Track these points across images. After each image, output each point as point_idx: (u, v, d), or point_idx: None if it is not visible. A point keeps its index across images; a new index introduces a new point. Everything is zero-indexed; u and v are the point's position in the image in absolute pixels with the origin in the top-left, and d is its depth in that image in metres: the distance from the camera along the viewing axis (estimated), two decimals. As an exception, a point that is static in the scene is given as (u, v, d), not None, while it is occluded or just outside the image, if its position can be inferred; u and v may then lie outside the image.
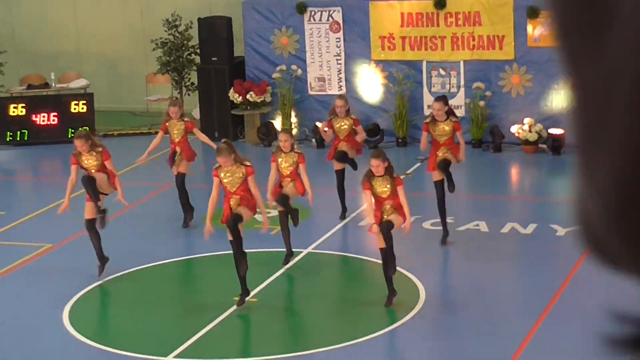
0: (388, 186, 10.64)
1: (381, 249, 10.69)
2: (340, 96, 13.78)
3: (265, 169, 17.06)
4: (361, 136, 13.45)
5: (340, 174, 13.34)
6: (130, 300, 11.66)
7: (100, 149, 11.83)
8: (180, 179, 13.43)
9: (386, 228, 10.56)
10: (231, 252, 11.58)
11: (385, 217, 10.65)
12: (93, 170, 11.73)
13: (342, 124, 13.28)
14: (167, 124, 13.58)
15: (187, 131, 13.52)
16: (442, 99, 12.76)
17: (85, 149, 11.71)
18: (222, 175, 10.86)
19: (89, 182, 11.60)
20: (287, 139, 11.85)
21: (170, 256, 12.68)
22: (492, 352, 9.80)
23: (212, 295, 11.33)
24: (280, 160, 11.84)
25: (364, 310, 10.93)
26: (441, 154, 12.19)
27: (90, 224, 11.68)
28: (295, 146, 12.19)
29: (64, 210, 11.83)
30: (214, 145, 12.96)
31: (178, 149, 13.49)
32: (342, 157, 13.23)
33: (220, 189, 10.90)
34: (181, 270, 12.46)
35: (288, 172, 11.82)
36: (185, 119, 13.66)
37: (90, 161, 11.74)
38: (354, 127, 13.30)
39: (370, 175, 10.66)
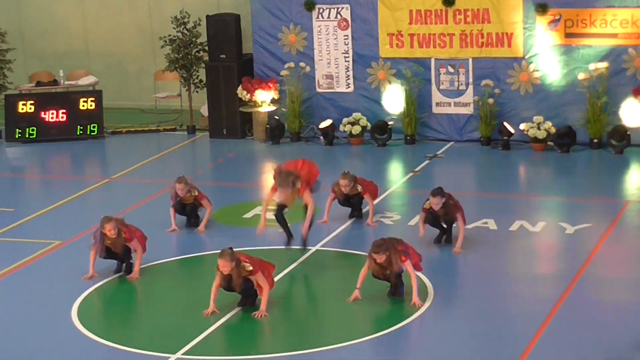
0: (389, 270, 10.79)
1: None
2: (345, 175, 13.15)
3: (272, 167, 17.05)
4: (370, 211, 13.17)
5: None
6: (138, 297, 11.67)
7: (124, 234, 11.70)
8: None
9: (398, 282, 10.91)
10: (239, 249, 11.59)
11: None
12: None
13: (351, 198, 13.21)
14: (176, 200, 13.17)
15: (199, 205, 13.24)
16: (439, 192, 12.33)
17: (114, 233, 11.60)
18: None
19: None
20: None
21: (179, 254, 12.69)
22: (500, 350, 9.79)
23: (220, 292, 11.31)
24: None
25: (371, 308, 10.92)
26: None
27: None
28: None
29: (89, 278, 11.76)
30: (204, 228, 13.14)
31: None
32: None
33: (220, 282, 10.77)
34: (190, 267, 12.45)
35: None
36: (195, 194, 13.14)
37: (114, 242, 11.74)
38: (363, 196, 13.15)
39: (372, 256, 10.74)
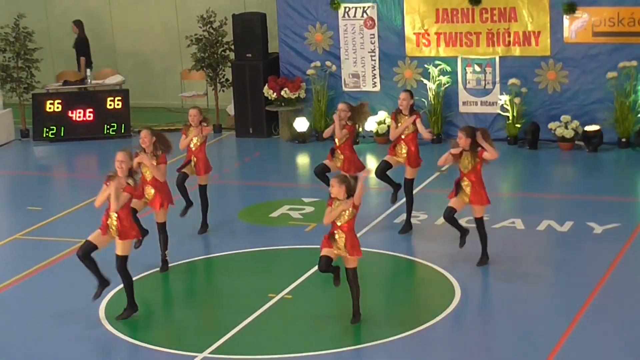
0: (471, 163, 11.42)
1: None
2: (343, 101, 13.31)
3: (298, 165, 17.08)
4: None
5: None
6: (165, 296, 11.70)
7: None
8: (203, 189, 12.99)
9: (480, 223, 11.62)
10: (265, 248, 11.62)
11: (464, 190, 11.46)
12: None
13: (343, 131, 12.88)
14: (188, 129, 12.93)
15: (205, 137, 12.86)
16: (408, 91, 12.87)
17: (148, 142, 11.88)
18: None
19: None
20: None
21: (204, 253, 12.71)
22: (527, 350, 9.75)
23: (247, 291, 11.35)
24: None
25: (399, 308, 10.91)
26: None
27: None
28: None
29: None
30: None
31: (194, 158, 12.86)
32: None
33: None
34: (216, 267, 12.48)
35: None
36: (204, 125, 12.83)
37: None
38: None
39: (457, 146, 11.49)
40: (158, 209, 11.87)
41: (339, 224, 10.09)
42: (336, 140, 12.86)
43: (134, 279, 11.82)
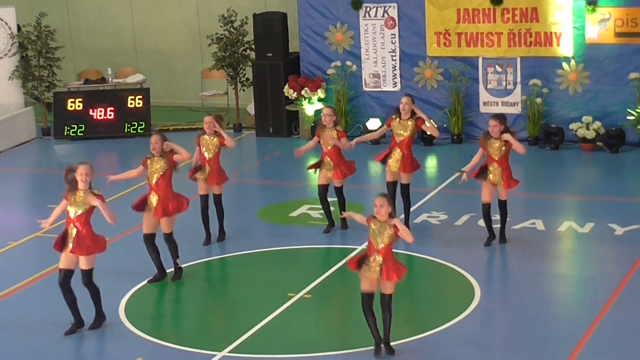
0: (502, 149, 12.01)
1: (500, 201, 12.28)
2: (328, 105, 13.26)
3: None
4: (344, 145, 12.74)
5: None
6: (185, 295, 11.72)
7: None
8: (218, 199, 12.78)
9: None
10: (284, 248, 11.59)
11: (492, 174, 12.07)
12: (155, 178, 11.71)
13: (329, 135, 12.77)
14: (200, 138, 12.71)
15: (220, 147, 12.60)
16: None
17: (158, 147, 11.66)
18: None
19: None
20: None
21: (224, 252, 12.73)
22: (548, 352, 9.71)
23: (266, 291, 11.36)
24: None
25: (418, 308, 10.89)
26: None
27: (148, 237, 11.65)
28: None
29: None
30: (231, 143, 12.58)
31: (208, 167, 12.62)
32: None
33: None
34: (235, 266, 12.49)
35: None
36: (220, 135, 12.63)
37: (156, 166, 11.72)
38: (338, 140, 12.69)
39: (487, 136, 12.04)
40: (160, 216, 11.57)
41: (380, 247, 9.51)
42: (323, 147, 12.84)
43: (149, 279, 11.85)
